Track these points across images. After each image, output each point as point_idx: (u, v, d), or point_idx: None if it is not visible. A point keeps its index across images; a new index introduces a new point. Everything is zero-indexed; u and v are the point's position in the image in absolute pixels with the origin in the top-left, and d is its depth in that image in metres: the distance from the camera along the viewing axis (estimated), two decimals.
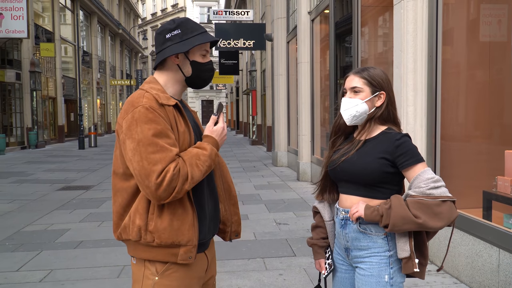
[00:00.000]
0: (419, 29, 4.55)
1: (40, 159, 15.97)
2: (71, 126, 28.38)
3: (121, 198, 1.78)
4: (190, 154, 1.73)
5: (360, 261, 1.94)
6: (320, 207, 2.14)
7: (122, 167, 1.76)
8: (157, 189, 1.63)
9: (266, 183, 9.87)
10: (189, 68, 1.86)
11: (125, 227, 1.77)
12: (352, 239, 1.95)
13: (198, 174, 1.71)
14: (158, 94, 1.76)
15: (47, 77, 23.95)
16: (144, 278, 1.78)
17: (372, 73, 1.98)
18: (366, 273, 1.90)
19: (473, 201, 4.12)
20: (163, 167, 1.63)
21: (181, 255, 1.75)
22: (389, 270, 1.89)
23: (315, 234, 2.18)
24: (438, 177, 1.83)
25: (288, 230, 5.82)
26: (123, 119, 1.72)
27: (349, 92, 1.99)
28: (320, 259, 2.16)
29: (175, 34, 1.82)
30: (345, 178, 1.98)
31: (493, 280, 3.50)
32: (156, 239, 1.72)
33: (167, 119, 1.72)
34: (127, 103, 1.76)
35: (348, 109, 1.97)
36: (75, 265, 4.57)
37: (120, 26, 38.31)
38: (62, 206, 7.57)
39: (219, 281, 4.02)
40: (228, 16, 19.34)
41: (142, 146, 1.65)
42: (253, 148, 20.09)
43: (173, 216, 1.72)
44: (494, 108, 4.32)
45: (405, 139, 1.90)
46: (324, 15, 9.37)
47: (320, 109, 10.03)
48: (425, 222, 1.76)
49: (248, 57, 24.96)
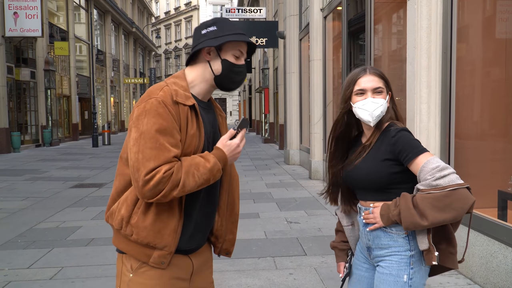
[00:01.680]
0: (433, 25, 4.46)
1: (54, 157, 16.13)
2: (85, 124, 28.62)
3: (118, 183, 1.77)
4: (190, 161, 1.66)
5: (380, 259, 1.91)
6: (338, 213, 2.14)
7: (126, 152, 1.74)
8: (143, 185, 1.59)
9: (278, 182, 9.83)
10: (219, 66, 1.80)
11: (112, 212, 1.77)
12: (373, 237, 1.92)
13: (191, 185, 1.64)
14: (177, 91, 1.71)
15: (61, 76, 24.17)
16: (122, 274, 1.78)
17: (382, 72, 1.97)
18: (385, 271, 1.87)
19: (488, 200, 4.03)
20: (155, 166, 1.59)
21: (154, 258, 1.71)
22: (409, 270, 1.84)
23: (337, 237, 2.19)
24: (444, 164, 1.73)
25: (299, 229, 5.77)
26: (137, 107, 1.71)
27: (371, 92, 1.90)
28: (340, 262, 2.15)
29: (211, 30, 1.79)
30: (357, 185, 1.97)
31: (508, 281, 3.41)
32: (134, 234, 1.69)
33: (177, 117, 1.67)
34: (146, 92, 1.74)
35: (376, 110, 1.88)
36: (85, 263, 4.59)
37: (134, 24, 38.52)
38: (75, 204, 7.61)
39: (228, 280, 3.99)
40: (240, 14, 19.33)
41: (143, 138, 1.62)
42: (266, 146, 20.05)
43: (157, 217, 1.68)
44: (509, 106, 4.22)
45: (401, 133, 1.83)
46: (336, 12, 9.28)
47: (332, 107, 9.95)
48: (434, 220, 1.70)
49: (261, 55, 24.90)
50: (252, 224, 5.98)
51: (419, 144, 1.82)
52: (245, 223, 5.94)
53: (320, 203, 7.38)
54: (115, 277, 4.17)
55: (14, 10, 17.91)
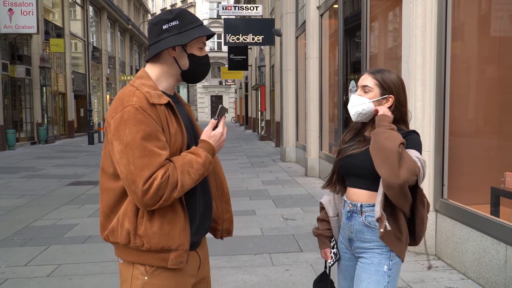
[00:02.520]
0: (428, 23, 4.50)
1: (50, 154, 16.10)
2: (80, 122, 28.54)
3: (107, 198, 1.72)
4: (183, 160, 1.64)
5: (362, 251, 2.05)
6: (326, 203, 2.25)
7: (112, 167, 1.69)
8: (143, 195, 1.56)
9: (274, 179, 9.86)
10: (186, 61, 1.77)
11: (113, 229, 1.70)
12: (356, 231, 2.06)
13: (189, 183, 1.63)
14: (150, 92, 1.67)
15: (57, 73, 24.09)
16: (133, 278, 1.72)
17: (386, 76, 2.05)
18: (367, 261, 2.01)
19: (481, 197, 4.08)
20: (150, 173, 1.56)
21: (171, 260, 1.68)
22: (389, 261, 1.99)
23: (321, 225, 2.29)
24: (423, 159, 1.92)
25: (295, 225, 5.81)
26: (112, 118, 1.63)
27: (359, 89, 2.08)
28: (325, 248, 2.27)
29: (173, 25, 1.72)
30: (355, 173, 2.07)
31: (500, 276, 3.46)
32: (146, 243, 1.65)
33: (158, 120, 1.63)
34: (116, 100, 1.68)
35: (355, 106, 2.05)
36: (82, 260, 4.61)
37: (130, 21, 38.40)
38: (71, 201, 7.62)
39: (225, 276, 4.03)
40: (237, 11, 19.31)
41: (130, 149, 1.58)
42: (262, 144, 20.08)
43: (163, 220, 1.65)
44: (503, 104, 4.27)
45: (412, 135, 2.00)
46: (333, 10, 9.31)
47: (328, 104, 9.99)
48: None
49: (257, 52, 24.90)
50: (249, 221, 6.01)
51: (420, 148, 1.99)
52: (242, 220, 5.97)
53: (316, 200, 7.42)
54: (113, 274, 4.15)
55: (9, 7, 17.87)
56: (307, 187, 8.67)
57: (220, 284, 3.87)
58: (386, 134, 1.87)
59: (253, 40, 16.27)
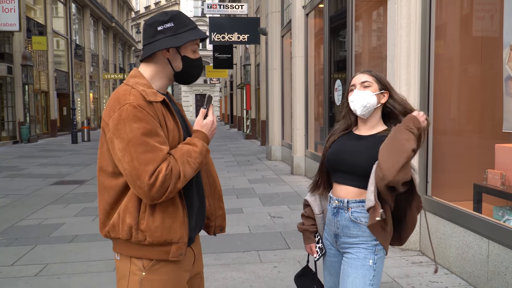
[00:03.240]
0: (412, 23, 4.59)
1: (33, 153, 15.91)
2: (63, 121, 28.23)
3: (107, 196, 1.75)
4: (181, 151, 1.69)
5: (348, 247, 2.10)
6: (311, 201, 2.29)
7: (111, 166, 1.72)
8: (150, 189, 1.60)
9: (260, 177, 9.91)
10: (179, 63, 1.81)
11: (113, 225, 1.73)
12: (342, 226, 2.11)
13: (190, 172, 1.68)
14: (145, 90, 1.70)
15: (39, 71, 23.79)
16: (131, 273, 1.75)
17: (378, 73, 2.16)
18: (353, 256, 2.07)
19: (464, 194, 4.18)
20: (155, 167, 1.60)
21: (172, 253, 1.73)
22: (374, 256, 2.05)
23: (306, 221, 2.33)
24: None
25: (282, 223, 5.87)
26: (109, 117, 1.66)
27: (359, 86, 2.13)
28: (311, 243, 2.31)
29: (167, 27, 1.76)
30: (344, 169, 2.11)
31: (483, 270, 3.56)
32: (148, 237, 1.69)
33: (155, 116, 1.68)
34: (112, 99, 1.70)
35: (359, 100, 2.10)
36: (70, 259, 4.59)
37: (113, 19, 38.06)
38: (56, 201, 7.57)
39: (214, 274, 4.06)
40: (222, 10, 19.27)
41: (132, 146, 1.61)
42: (247, 142, 20.11)
43: (165, 214, 1.70)
44: (485, 103, 4.38)
45: None
46: (318, 10, 9.38)
47: (314, 103, 10.07)
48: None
49: (242, 51, 24.91)
50: (236, 219, 6.05)
51: None
52: (229, 218, 5.92)
53: (302, 198, 7.48)
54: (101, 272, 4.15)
55: None
56: (293, 185, 8.73)
57: (209, 282, 3.90)
58: (408, 136, 1.92)
59: (238, 38, 16.27)
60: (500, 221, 3.57)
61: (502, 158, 3.68)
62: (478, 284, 3.63)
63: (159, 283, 1.75)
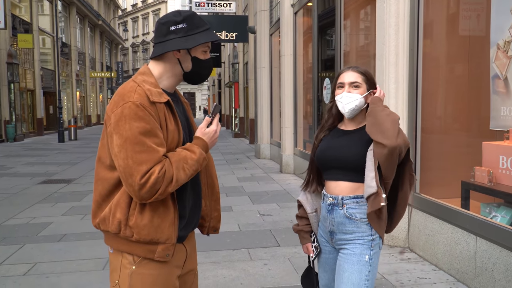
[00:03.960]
0: (401, 22, 4.63)
1: (19, 152, 15.73)
2: (50, 119, 27.93)
3: (101, 187, 1.76)
4: (178, 156, 1.70)
5: (344, 243, 2.12)
6: (303, 201, 2.31)
7: (109, 158, 1.74)
8: (140, 189, 1.62)
9: (249, 175, 9.92)
10: (189, 64, 1.82)
11: (104, 218, 1.75)
12: (338, 223, 2.12)
13: (183, 178, 1.70)
14: (150, 90, 1.71)
15: (25, 69, 23.52)
16: (122, 267, 1.77)
17: (367, 71, 2.16)
18: (349, 252, 2.08)
19: (452, 191, 4.23)
20: (148, 168, 1.62)
21: (158, 252, 1.74)
22: (370, 251, 2.07)
23: (301, 222, 2.35)
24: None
25: (272, 221, 5.89)
26: (112, 112, 1.68)
27: (348, 86, 2.12)
28: (307, 243, 2.33)
29: (180, 28, 1.77)
30: (335, 165, 2.13)
31: (471, 266, 3.61)
32: (135, 234, 1.70)
33: (156, 117, 1.68)
34: (117, 94, 1.72)
35: (349, 103, 2.11)
36: (59, 258, 4.56)
37: (100, 17, 37.76)
38: (44, 200, 7.50)
39: (204, 272, 4.06)
40: (210, 8, 19.21)
41: (129, 144, 1.63)
42: (236, 141, 20.11)
43: (154, 213, 1.71)
44: (472, 101, 4.44)
45: None
46: (307, 8, 9.41)
47: (303, 101, 10.10)
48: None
49: (231, 49, 24.89)
50: (226, 217, 6.05)
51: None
52: None
53: (291, 196, 7.51)
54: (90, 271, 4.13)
55: None
56: (282, 183, 8.76)
57: (200, 280, 3.89)
58: (387, 111, 2.00)
59: (226, 37, 16.24)
60: (487, 217, 3.62)
61: (489, 156, 3.74)
62: (466, 280, 3.68)
63: (149, 277, 1.77)
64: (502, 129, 3.56)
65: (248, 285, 3.82)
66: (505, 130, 3.52)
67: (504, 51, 3.52)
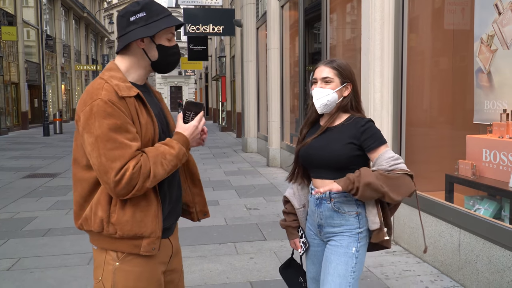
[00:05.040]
0: (386, 16, 4.64)
1: (3, 146, 15.53)
2: (35, 113, 27.60)
3: (81, 188, 1.74)
4: (156, 151, 1.68)
5: (332, 236, 2.13)
6: (290, 196, 2.31)
7: (84, 158, 1.71)
8: (115, 186, 1.60)
9: (236, 169, 9.92)
10: (155, 52, 1.79)
11: (86, 218, 1.73)
12: (326, 217, 2.13)
13: (161, 173, 1.67)
14: (119, 85, 1.68)
15: (9, 62, 23.15)
16: (105, 263, 1.75)
17: (341, 64, 2.14)
18: (337, 244, 2.10)
19: (436, 184, 4.27)
20: (122, 164, 1.60)
21: (144, 247, 1.72)
22: (357, 244, 2.09)
23: (288, 217, 2.35)
24: (397, 155, 2.06)
25: (259, 215, 5.90)
26: (81, 111, 1.65)
27: (320, 82, 2.13)
28: (295, 239, 2.34)
29: (140, 17, 1.73)
30: (316, 164, 2.14)
31: (454, 259, 3.66)
32: (119, 231, 1.68)
33: (127, 112, 1.66)
34: (86, 93, 1.69)
35: (320, 99, 2.11)
36: (44, 253, 4.52)
37: (85, 9, 37.28)
38: (28, 194, 7.42)
39: (190, 266, 4.06)
40: (197, 1, 19.06)
41: (101, 141, 1.60)
42: (223, 135, 20.08)
43: (136, 208, 1.69)
44: (456, 95, 4.47)
45: (370, 124, 2.08)
46: (293, 2, 9.39)
47: (289, 95, 10.11)
48: (388, 192, 1.94)
49: (217, 42, 24.77)
50: (212, 211, 5.97)
51: (382, 136, 2.08)
52: None
53: (278, 189, 7.53)
54: (75, 266, 4.10)
55: None
56: (269, 177, 8.77)
57: (186, 274, 3.88)
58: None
59: (213, 30, 16.16)
60: (471, 210, 3.67)
61: (473, 149, 3.78)
62: (450, 272, 3.73)
63: (132, 274, 1.75)
64: (486, 123, 3.60)
65: (234, 279, 3.83)
66: (489, 123, 3.56)
67: (488, 45, 3.55)
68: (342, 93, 2.13)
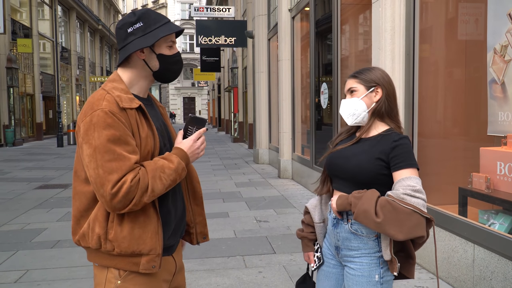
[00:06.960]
0: (396, 27, 4.58)
1: (18, 157, 15.69)
2: (49, 124, 27.93)
3: (79, 202, 1.70)
4: (154, 165, 1.63)
5: (350, 260, 1.95)
6: (311, 208, 2.14)
7: (84, 171, 1.67)
8: (112, 199, 1.54)
9: (247, 181, 9.86)
10: (156, 62, 1.75)
11: (83, 234, 1.68)
12: (343, 239, 1.96)
13: (160, 188, 1.62)
14: (120, 96, 1.65)
15: (24, 74, 23.52)
16: (107, 281, 1.70)
17: (363, 70, 2.02)
18: (357, 273, 1.91)
19: (449, 197, 4.17)
20: (119, 177, 1.55)
21: (143, 265, 1.66)
22: (379, 270, 1.89)
23: (306, 228, 2.19)
24: (421, 188, 1.78)
25: (268, 227, 5.82)
26: (82, 121, 1.62)
27: (347, 94, 2.03)
28: (309, 251, 2.18)
29: (137, 28, 1.70)
30: (338, 174, 1.98)
31: (468, 275, 3.55)
32: (116, 248, 1.63)
33: (127, 124, 1.62)
34: (87, 104, 1.66)
35: (346, 109, 1.99)
36: (51, 265, 4.50)
37: (100, 22, 37.80)
38: (40, 205, 7.45)
39: (198, 280, 4.00)
40: (209, 12, 19.27)
41: (99, 153, 1.56)
42: (235, 146, 20.06)
43: (134, 224, 1.64)
44: (470, 106, 4.38)
45: (403, 141, 1.88)
46: (304, 13, 9.38)
47: (300, 106, 10.06)
48: (383, 224, 1.72)
49: (230, 54, 24.89)
50: (222, 224, 5.99)
51: (413, 158, 1.87)
52: (215, 223, 5.95)
53: (289, 201, 7.45)
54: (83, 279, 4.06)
55: None
56: (280, 189, 8.70)
57: (193, 287, 3.85)
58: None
59: (225, 41, 16.27)
60: (485, 225, 3.56)
61: (487, 162, 3.68)
62: None
63: None
64: (500, 135, 3.51)
65: None
66: (503, 135, 3.47)
67: (501, 55, 3.47)
68: (372, 99, 1.96)
